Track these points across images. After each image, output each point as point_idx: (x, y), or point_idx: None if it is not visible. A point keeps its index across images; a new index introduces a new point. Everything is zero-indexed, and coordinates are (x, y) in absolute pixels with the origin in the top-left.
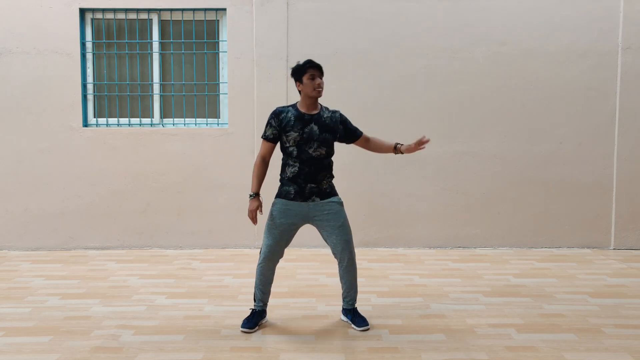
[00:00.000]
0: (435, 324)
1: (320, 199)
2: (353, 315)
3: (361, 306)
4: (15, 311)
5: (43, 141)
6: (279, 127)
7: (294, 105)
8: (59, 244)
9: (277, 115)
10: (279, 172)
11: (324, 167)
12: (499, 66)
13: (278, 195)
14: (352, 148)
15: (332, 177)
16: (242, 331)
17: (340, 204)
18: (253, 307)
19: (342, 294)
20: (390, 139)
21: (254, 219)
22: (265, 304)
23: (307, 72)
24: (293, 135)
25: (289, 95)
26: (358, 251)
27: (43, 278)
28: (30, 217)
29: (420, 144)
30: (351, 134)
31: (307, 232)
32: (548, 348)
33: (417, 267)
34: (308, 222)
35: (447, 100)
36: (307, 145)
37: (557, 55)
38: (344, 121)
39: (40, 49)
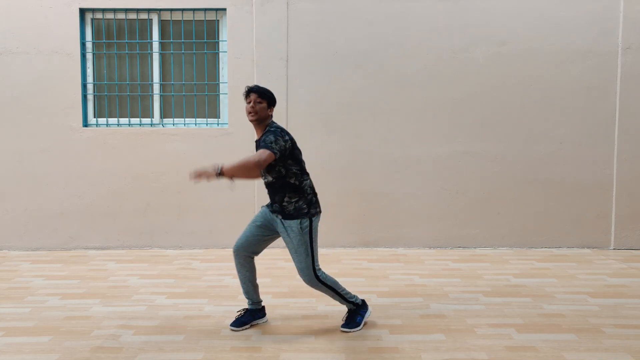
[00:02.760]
0: (435, 324)
1: (281, 218)
2: (347, 315)
3: None
4: (15, 311)
5: (43, 141)
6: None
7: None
8: (59, 244)
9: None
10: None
11: (277, 190)
12: (499, 66)
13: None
14: (352, 148)
15: (298, 197)
16: (230, 329)
17: (299, 226)
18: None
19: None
20: (390, 140)
21: (198, 175)
22: (255, 302)
23: (246, 98)
24: None
25: (289, 95)
26: (358, 251)
27: (43, 278)
28: (30, 217)
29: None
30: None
31: None
32: (548, 348)
33: (417, 267)
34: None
35: (447, 100)
36: (264, 174)
37: (557, 55)
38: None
39: (40, 49)
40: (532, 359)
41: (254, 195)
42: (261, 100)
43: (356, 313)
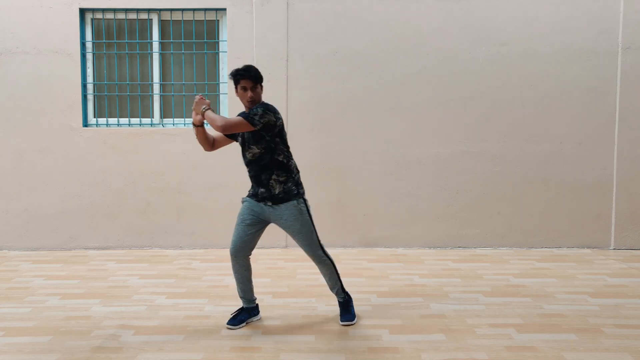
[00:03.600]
0: (435, 324)
1: (272, 204)
2: (341, 308)
3: (361, 306)
4: (15, 311)
5: (43, 141)
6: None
7: None
8: (59, 244)
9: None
10: None
11: (263, 168)
12: (499, 66)
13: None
14: (352, 148)
15: (286, 176)
16: (227, 327)
17: (297, 207)
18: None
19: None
20: (390, 140)
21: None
22: (251, 301)
23: (238, 84)
24: (239, 140)
25: (289, 95)
26: (358, 251)
27: (43, 278)
28: (30, 217)
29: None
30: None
31: None
32: (548, 348)
33: (417, 267)
34: (271, 222)
35: (447, 100)
36: (243, 149)
37: (557, 55)
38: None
39: (40, 49)
40: (532, 359)
41: None
42: (254, 84)
43: (349, 304)
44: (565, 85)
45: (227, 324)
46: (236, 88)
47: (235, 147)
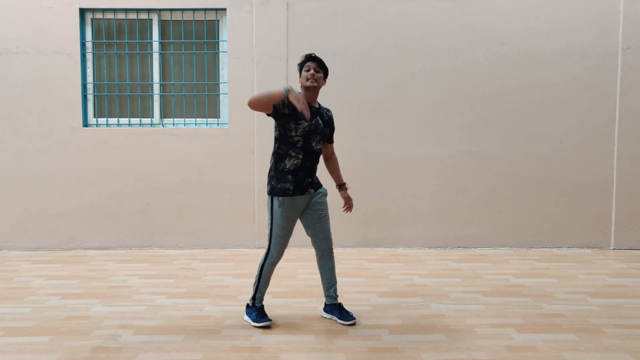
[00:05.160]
0: (435, 324)
1: (314, 190)
2: (339, 310)
3: (361, 306)
4: (15, 311)
5: (43, 141)
6: (294, 111)
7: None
8: (59, 244)
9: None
10: (271, 163)
11: (318, 161)
12: (499, 66)
13: (277, 194)
14: (352, 148)
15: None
16: (263, 325)
17: (326, 194)
18: (254, 303)
19: (325, 288)
20: (390, 140)
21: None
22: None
23: (304, 66)
24: (303, 125)
25: None
26: (358, 251)
27: (43, 278)
28: (30, 217)
29: (347, 205)
30: (329, 138)
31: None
32: (548, 348)
33: (417, 267)
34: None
35: (448, 100)
36: (312, 137)
37: (557, 55)
38: (332, 122)
39: (40, 49)
40: (532, 359)
41: (254, 196)
42: (320, 69)
43: (341, 305)
44: (565, 85)
45: (264, 322)
46: (307, 69)
47: (233, 148)
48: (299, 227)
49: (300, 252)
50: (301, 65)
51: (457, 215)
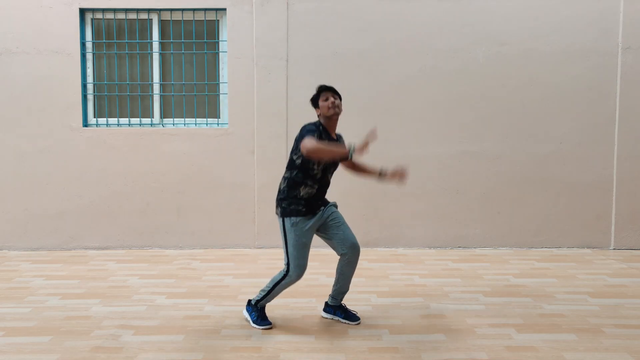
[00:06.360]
0: (435, 324)
1: (324, 207)
2: (344, 311)
3: (361, 306)
4: (15, 311)
5: (43, 141)
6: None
7: (320, 124)
8: (59, 244)
9: (318, 129)
10: (283, 187)
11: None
12: (499, 66)
13: (289, 214)
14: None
15: None
16: (265, 329)
17: (336, 206)
18: (257, 305)
19: (336, 290)
20: (390, 140)
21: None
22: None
23: (320, 97)
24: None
25: (289, 95)
26: None
27: (43, 278)
28: (30, 217)
29: (399, 176)
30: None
31: None
32: (548, 348)
33: (417, 267)
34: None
35: (447, 100)
36: (330, 169)
37: (557, 55)
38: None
39: (40, 49)
40: (532, 359)
41: (254, 196)
42: (338, 97)
43: (345, 307)
44: (565, 85)
45: (266, 325)
46: (325, 98)
47: (233, 148)
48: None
49: None
50: (316, 98)
51: (457, 215)
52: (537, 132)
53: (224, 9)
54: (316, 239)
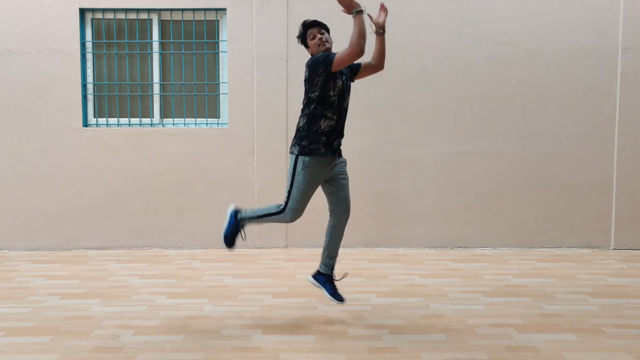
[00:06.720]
0: (435, 324)
1: (339, 157)
2: (331, 284)
3: (361, 306)
4: (15, 311)
5: (43, 141)
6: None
7: None
8: (59, 244)
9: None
10: (303, 124)
11: (345, 119)
12: (499, 66)
13: (307, 153)
14: (352, 148)
15: None
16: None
17: (346, 164)
18: (240, 217)
19: (325, 256)
20: (390, 140)
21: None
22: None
23: (307, 36)
24: (339, 83)
25: (289, 95)
26: (358, 251)
27: (43, 278)
28: (30, 217)
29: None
30: (355, 66)
31: (308, 232)
32: (548, 348)
33: (417, 267)
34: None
35: (447, 100)
36: (344, 95)
37: (557, 55)
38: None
39: (40, 49)
40: (532, 359)
41: (254, 196)
42: (324, 31)
43: (334, 281)
44: (565, 85)
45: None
46: (312, 36)
47: (233, 148)
48: (302, 230)
49: (300, 252)
50: (303, 36)
51: (457, 215)
52: (537, 132)
53: (224, 9)
54: (316, 237)
